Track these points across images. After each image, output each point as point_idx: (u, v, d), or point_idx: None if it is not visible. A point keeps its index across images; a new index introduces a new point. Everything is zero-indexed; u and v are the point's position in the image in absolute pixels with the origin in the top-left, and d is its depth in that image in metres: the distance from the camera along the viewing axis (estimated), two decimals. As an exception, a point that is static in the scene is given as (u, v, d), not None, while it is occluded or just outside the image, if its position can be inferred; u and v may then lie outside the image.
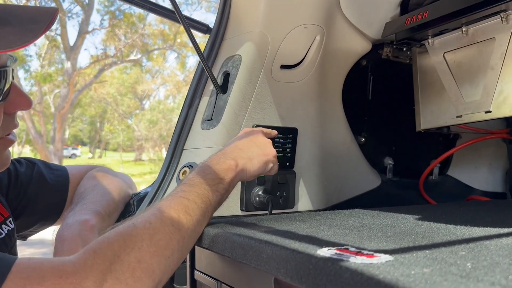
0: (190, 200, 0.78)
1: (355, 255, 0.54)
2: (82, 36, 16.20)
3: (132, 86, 23.35)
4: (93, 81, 18.04)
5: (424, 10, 1.23)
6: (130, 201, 1.20)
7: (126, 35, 17.09)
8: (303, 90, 1.27)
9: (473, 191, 1.85)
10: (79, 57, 32.06)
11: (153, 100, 27.51)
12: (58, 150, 15.59)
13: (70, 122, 25.87)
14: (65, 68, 16.05)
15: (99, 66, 17.94)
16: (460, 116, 1.29)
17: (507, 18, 1.15)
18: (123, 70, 22.11)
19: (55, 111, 16.22)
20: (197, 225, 0.78)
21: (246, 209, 1.18)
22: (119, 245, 0.66)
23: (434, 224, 0.83)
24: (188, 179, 0.84)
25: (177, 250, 0.72)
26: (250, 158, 0.93)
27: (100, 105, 23.61)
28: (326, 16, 1.23)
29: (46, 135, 16.35)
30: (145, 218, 0.72)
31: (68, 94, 15.79)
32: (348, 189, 1.51)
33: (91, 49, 50.14)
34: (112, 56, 17.61)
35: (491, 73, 1.21)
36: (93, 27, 17.46)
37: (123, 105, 23.77)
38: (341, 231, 0.76)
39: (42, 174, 1.09)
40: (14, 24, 0.69)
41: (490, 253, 0.56)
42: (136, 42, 17.18)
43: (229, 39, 1.23)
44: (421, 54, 1.41)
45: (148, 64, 23.03)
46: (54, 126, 15.78)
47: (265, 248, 0.64)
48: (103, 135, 28.17)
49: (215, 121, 1.18)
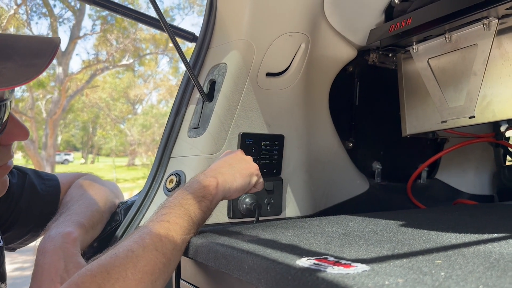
0: (171, 222, 0.78)
1: (333, 265, 0.55)
2: (73, 42, 16.12)
3: (125, 91, 23.28)
4: (85, 86, 17.93)
5: (407, 17, 1.24)
6: (117, 210, 1.20)
7: (118, 40, 17.05)
8: (289, 97, 1.28)
9: (461, 194, 1.87)
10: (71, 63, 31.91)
11: (146, 105, 27.46)
12: (50, 156, 15.47)
13: (62, 128, 25.73)
14: (56, 74, 15.96)
15: (91, 71, 17.86)
16: (444, 121, 1.30)
17: (489, 24, 1.17)
18: (115, 75, 22.05)
19: (46, 117, 16.12)
20: (182, 244, 0.79)
21: (234, 216, 1.18)
22: (102, 277, 0.66)
23: (416, 231, 0.84)
24: (168, 201, 0.84)
25: (163, 272, 0.73)
26: (231, 174, 0.93)
27: (93, 110, 23.50)
28: (310, 24, 1.24)
29: (38, 141, 16.23)
30: (126, 247, 0.72)
31: (60, 99, 15.70)
32: (336, 194, 1.51)
33: (83, 54, 49.99)
34: (104, 61, 17.55)
35: (474, 78, 1.22)
36: (85, 32, 17.42)
37: (116, 110, 23.69)
38: (324, 239, 0.77)
39: (34, 185, 1.08)
40: (16, 59, 0.67)
41: (466, 261, 0.57)
42: (128, 46, 17.14)
43: (215, 47, 1.24)
44: (406, 60, 1.43)
45: (140, 68, 22.98)
46: (46, 132, 15.66)
47: (246, 258, 0.65)
48: (96, 141, 28.05)
49: (202, 129, 1.19)
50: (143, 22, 1.21)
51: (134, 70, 22.03)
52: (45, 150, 15.45)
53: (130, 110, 25.64)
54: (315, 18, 1.25)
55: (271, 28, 1.18)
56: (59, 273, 0.81)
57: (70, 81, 17.18)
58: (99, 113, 23.74)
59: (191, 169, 1.15)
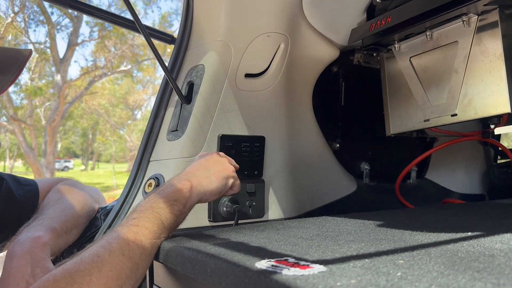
0: (140, 226, 0.77)
1: (290, 267, 0.53)
2: (71, 48, 16.15)
3: (124, 97, 23.28)
4: (84, 92, 17.93)
5: (387, 16, 1.23)
6: (97, 215, 1.18)
7: (116, 46, 17.06)
8: (270, 98, 1.27)
9: (451, 194, 1.85)
10: (69, 69, 31.94)
11: (145, 110, 27.43)
12: (49, 163, 15.46)
13: (62, 135, 25.73)
14: (55, 81, 15.98)
15: (90, 78, 17.86)
16: (427, 120, 1.29)
17: (469, 21, 1.16)
18: (114, 81, 22.04)
19: (46, 124, 16.11)
20: (151, 249, 0.77)
21: (214, 219, 1.17)
22: (65, 282, 0.65)
23: (390, 231, 0.83)
24: (140, 205, 0.83)
25: (130, 278, 0.71)
26: (207, 177, 0.91)
27: (92, 116, 23.49)
28: (289, 24, 1.23)
29: (38, 148, 16.22)
30: (92, 252, 0.71)
31: (59, 106, 15.71)
32: (323, 195, 1.50)
33: (81, 61, 49.99)
34: (102, 67, 17.56)
35: (455, 76, 1.21)
36: (83, 39, 17.42)
37: (115, 116, 23.67)
38: (294, 241, 0.76)
39: (11, 191, 1.07)
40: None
41: (429, 260, 0.55)
42: (126, 53, 17.15)
43: (193, 49, 1.23)
44: (388, 59, 1.42)
45: (139, 74, 22.99)
46: (45, 139, 15.66)
47: (209, 261, 0.63)
48: (96, 147, 28.04)
49: (180, 131, 1.17)
50: (120, 25, 1.20)
51: (132, 76, 22.04)
52: (45, 157, 15.44)
53: (130, 116, 25.62)
54: (294, 18, 1.23)
55: (249, 28, 1.17)
56: (25, 277, 0.80)
57: (69, 87, 17.18)
58: (98, 119, 23.73)
59: (170, 173, 1.14)
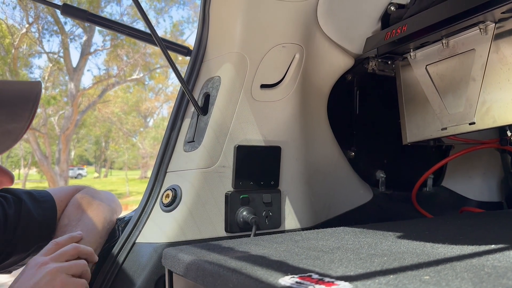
0: None
1: (315, 284, 0.53)
2: (84, 58, 16.36)
3: (136, 105, 23.50)
4: (97, 101, 18.14)
5: (402, 24, 1.23)
6: (115, 227, 1.19)
7: (128, 54, 17.25)
8: (285, 108, 1.27)
9: (469, 202, 1.82)
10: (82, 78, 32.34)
11: (157, 118, 27.67)
12: (63, 171, 15.63)
13: (75, 143, 26.03)
14: (69, 90, 16.19)
15: (102, 86, 18.08)
16: (445, 128, 1.28)
17: (486, 29, 1.15)
18: (126, 89, 22.27)
19: (59, 132, 16.32)
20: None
21: (231, 230, 1.16)
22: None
23: (411, 243, 0.82)
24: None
25: None
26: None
27: (105, 124, 23.75)
28: (304, 34, 1.23)
29: (52, 156, 16.42)
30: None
31: (72, 115, 15.91)
32: (338, 205, 1.49)
33: (94, 70, 50.72)
34: (115, 76, 17.76)
35: (473, 84, 1.20)
36: (95, 48, 17.64)
37: (128, 124, 23.90)
38: (315, 254, 0.75)
39: (30, 212, 1.08)
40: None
41: (455, 276, 0.55)
42: (138, 61, 17.33)
43: (209, 60, 1.24)
44: (404, 68, 1.41)
45: (150, 82, 23.19)
46: (59, 147, 15.85)
47: (231, 276, 0.63)
48: (109, 154, 28.29)
49: (197, 142, 1.18)
50: (137, 38, 1.21)
51: (144, 84, 22.23)
52: (59, 165, 15.61)
53: (142, 124, 25.86)
54: (308, 29, 1.23)
55: (264, 40, 1.17)
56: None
57: (82, 96, 17.41)
58: (111, 127, 23.97)
59: (187, 183, 1.14)
